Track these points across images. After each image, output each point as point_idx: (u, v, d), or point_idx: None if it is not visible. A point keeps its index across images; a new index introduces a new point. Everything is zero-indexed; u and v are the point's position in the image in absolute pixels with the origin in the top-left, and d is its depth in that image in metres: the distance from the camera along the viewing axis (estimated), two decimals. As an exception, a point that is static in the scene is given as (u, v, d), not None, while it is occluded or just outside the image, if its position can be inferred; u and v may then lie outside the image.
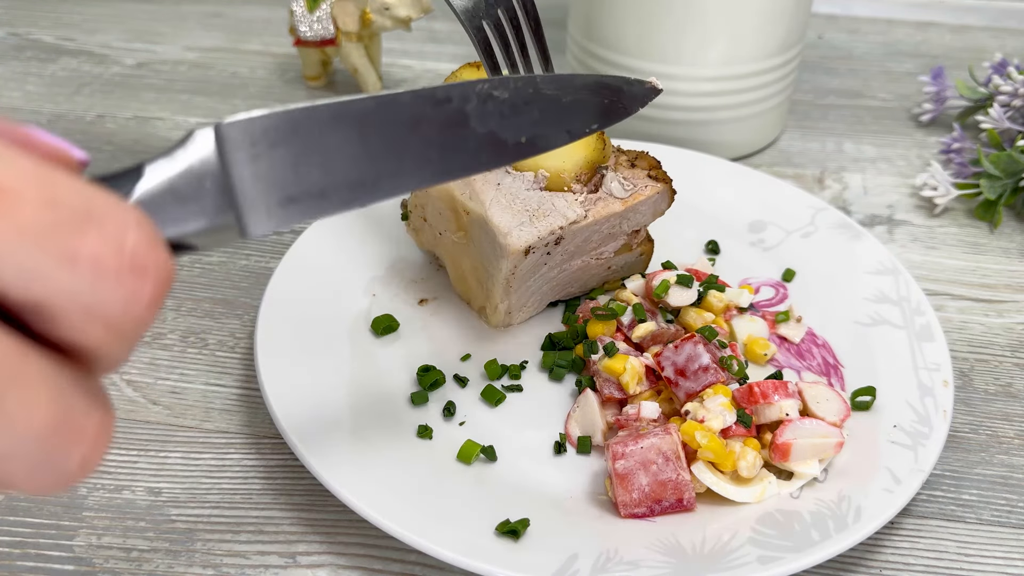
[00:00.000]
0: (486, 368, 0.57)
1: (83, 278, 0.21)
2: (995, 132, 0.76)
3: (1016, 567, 0.49)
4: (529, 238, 0.53)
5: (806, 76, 0.94)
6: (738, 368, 0.54)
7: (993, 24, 1.06)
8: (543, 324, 0.61)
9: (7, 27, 0.98)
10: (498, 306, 0.57)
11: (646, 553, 0.46)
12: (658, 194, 0.57)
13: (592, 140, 0.55)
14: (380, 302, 0.61)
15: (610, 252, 0.59)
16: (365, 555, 0.49)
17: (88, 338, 0.23)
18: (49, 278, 0.21)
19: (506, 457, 0.52)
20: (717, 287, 0.59)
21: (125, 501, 0.51)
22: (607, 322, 0.56)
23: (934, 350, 0.56)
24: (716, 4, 0.71)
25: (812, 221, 0.68)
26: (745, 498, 0.49)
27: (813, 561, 0.45)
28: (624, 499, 0.48)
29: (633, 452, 0.48)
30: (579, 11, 0.78)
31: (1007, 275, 0.69)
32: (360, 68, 0.85)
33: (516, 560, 0.45)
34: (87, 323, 0.22)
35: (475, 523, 0.47)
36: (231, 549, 0.49)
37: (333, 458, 0.48)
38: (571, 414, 0.54)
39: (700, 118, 0.77)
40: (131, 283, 0.22)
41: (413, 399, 0.55)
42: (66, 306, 0.22)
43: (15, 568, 0.48)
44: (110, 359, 0.24)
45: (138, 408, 0.56)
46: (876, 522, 0.46)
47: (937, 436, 0.51)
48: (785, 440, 0.50)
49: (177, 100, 0.87)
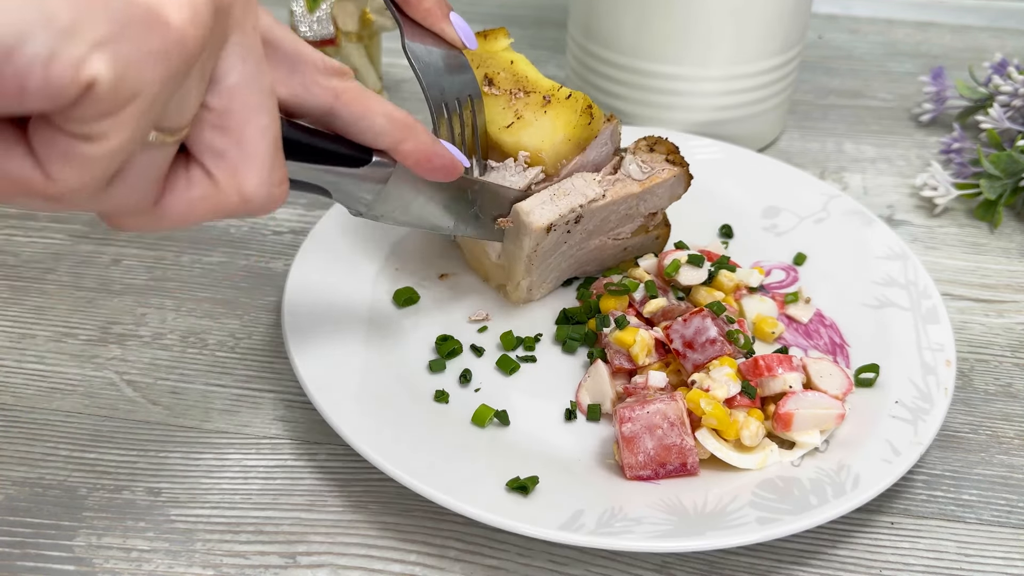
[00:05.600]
0: (502, 339, 0.58)
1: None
2: (995, 132, 0.76)
3: (1016, 567, 0.49)
4: (551, 216, 0.55)
5: (806, 76, 0.94)
6: (744, 342, 0.55)
7: (993, 24, 1.06)
8: (558, 300, 0.63)
9: (7, 27, 0.98)
10: (520, 283, 0.59)
11: (649, 511, 0.47)
12: (675, 177, 0.58)
13: (573, 117, 0.56)
14: (402, 276, 0.63)
15: (627, 233, 0.61)
16: (365, 555, 0.49)
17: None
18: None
19: (518, 422, 0.54)
20: (728, 267, 0.61)
21: (125, 501, 0.51)
22: (619, 297, 0.58)
23: (939, 331, 0.58)
24: (716, 5, 0.71)
25: (825, 208, 0.69)
26: (747, 464, 0.50)
27: (810, 523, 0.46)
28: (630, 461, 0.49)
29: (639, 416, 0.49)
30: (579, 11, 0.78)
31: (1007, 275, 0.69)
32: (360, 68, 0.85)
33: (525, 513, 0.46)
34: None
35: (487, 480, 0.49)
36: (231, 549, 0.49)
37: (355, 419, 0.50)
38: (582, 383, 0.56)
39: (700, 118, 0.77)
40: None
41: (431, 366, 0.56)
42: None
43: (15, 568, 0.48)
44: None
45: (138, 408, 0.56)
46: (874, 489, 0.48)
47: (938, 411, 0.52)
48: (788, 410, 0.51)
49: (177, 100, 0.87)
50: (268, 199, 0.34)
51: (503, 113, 0.57)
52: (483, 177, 0.56)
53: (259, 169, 0.33)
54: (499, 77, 0.58)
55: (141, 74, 0.26)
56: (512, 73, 0.58)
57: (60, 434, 0.55)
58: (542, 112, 0.56)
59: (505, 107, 0.57)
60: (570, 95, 0.56)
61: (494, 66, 0.58)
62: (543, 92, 0.57)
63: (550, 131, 0.56)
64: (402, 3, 0.55)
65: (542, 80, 0.58)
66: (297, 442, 0.55)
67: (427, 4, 0.55)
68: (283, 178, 0.34)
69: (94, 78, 0.25)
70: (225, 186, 0.33)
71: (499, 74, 0.58)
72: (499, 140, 0.57)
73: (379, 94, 0.87)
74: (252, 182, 0.33)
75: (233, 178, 0.33)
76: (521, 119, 0.56)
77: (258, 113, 0.32)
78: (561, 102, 0.56)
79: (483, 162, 0.57)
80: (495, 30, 0.61)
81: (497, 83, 0.58)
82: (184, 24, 0.26)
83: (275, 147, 0.33)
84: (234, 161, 0.32)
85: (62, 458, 0.53)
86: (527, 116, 0.56)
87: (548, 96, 0.57)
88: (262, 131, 0.32)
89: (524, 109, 0.57)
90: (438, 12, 0.55)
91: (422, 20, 0.55)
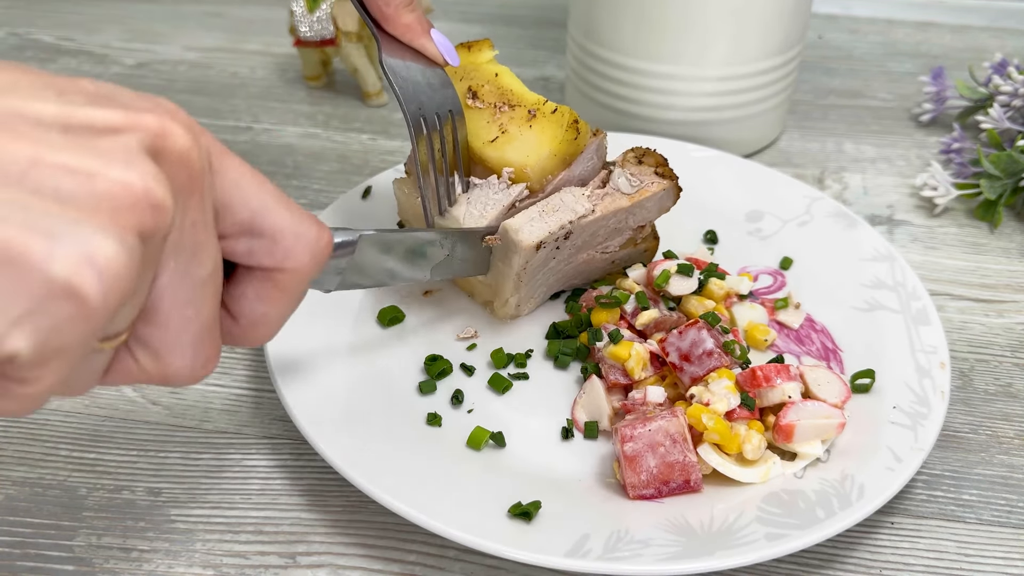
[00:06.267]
0: (492, 357, 0.57)
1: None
2: (995, 132, 0.76)
3: (1016, 567, 0.49)
4: (540, 233, 0.53)
5: (806, 76, 0.94)
6: (740, 352, 0.55)
7: (993, 24, 1.06)
8: (547, 313, 0.62)
9: (7, 27, 0.99)
10: (508, 300, 0.58)
11: (656, 532, 0.47)
12: (664, 191, 0.58)
13: (560, 132, 0.55)
14: (386, 294, 0.62)
15: (615, 246, 0.60)
16: (365, 555, 0.49)
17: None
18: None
19: (515, 443, 0.53)
20: (717, 275, 0.60)
21: (125, 501, 0.51)
22: (611, 310, 0.57)
23: (930, 333, 0.58)
24: (716, 4, 0.71)
25: (808, 210, 0.69)
26: (751, 478, 0.50)
27: (819, 538, 0.46)
28: (633, 481, 0.49)
29: (641, 435, 0.49)
30: (579, 11, 0.78)
31: (1007, 275, 0.69)
32: (360, 68, 0.85)
33: (529, 541, 0.45)
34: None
35: (487, 507, 0.48)
36: (231, 549, 0.49)
37: (346, 447, 0.49)
38: (577, 400, 0.55)
39: (700, 118, 0.77)
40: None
41: (421, 388, 0.55)
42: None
43: (15, 568, 0.48)
44: None
45: (138, 408, 0.56)
46: (879, 499, 0.47)
47: (936, 416, 0.52)
48: (788, 421, 0.51)
49: (177, 100, 0.87)
50: (191, 379, 0.34)
51: (487, 127, 0.56)
52: (466, 193, 0.55)
53: (182, 356, 0.33)
54: (483, 90, 0.57)
55: (62, 339, 0.27)
56: (497, 86, 0.57)
57: (60, 434, 0.55)
58: (527, 126, 0.55)
59: (489, 121, 0.56)
60: (556, 109, 0.55)
61: (478, 79, 0.57)
62: (528, 106, 0.56)
63: (535, 146, 0.55)
64: (380, 20, 0.54)
65: (527, 94, 0.57)
66: (297, 442, 0.55)
67: (406, 20, 0.54)
68: (210, 357, 0.34)
69: (15, 351, 0.26)
70: (148, 367, 0.33)
71: (483, 87, 0.57)
72: (483, 155, 0.55)
73: (379, 94, 0.87)
74: (175, 366, 0.33)
75: (156, 362, 0.33)
76: (506, 133, 0.55)
77: (185, 306, 0.32)
78: (547, 116, 0.55)
79: (465, 179, 0.56)
80: (479, 41, 0.60)
81: (481, 96, 0.56)
82: (101, 295, 0.26)
83: (201, 334, 0.33)
84: (158, 348, 0.32)
85: (62, 458, 0.53)
86: (512, 130, 0.55)
87: (533, 110, 0.55)
88: (187, 322, 0.32)
89: (509, 123, 0.55)
90: (418, 28, 0.54)
91: (401, 36, 0.54)
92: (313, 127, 0.84)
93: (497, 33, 1.01)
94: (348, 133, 0.83)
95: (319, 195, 0.75)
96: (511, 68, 0.60)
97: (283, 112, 0.86)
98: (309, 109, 0.86)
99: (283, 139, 0.82)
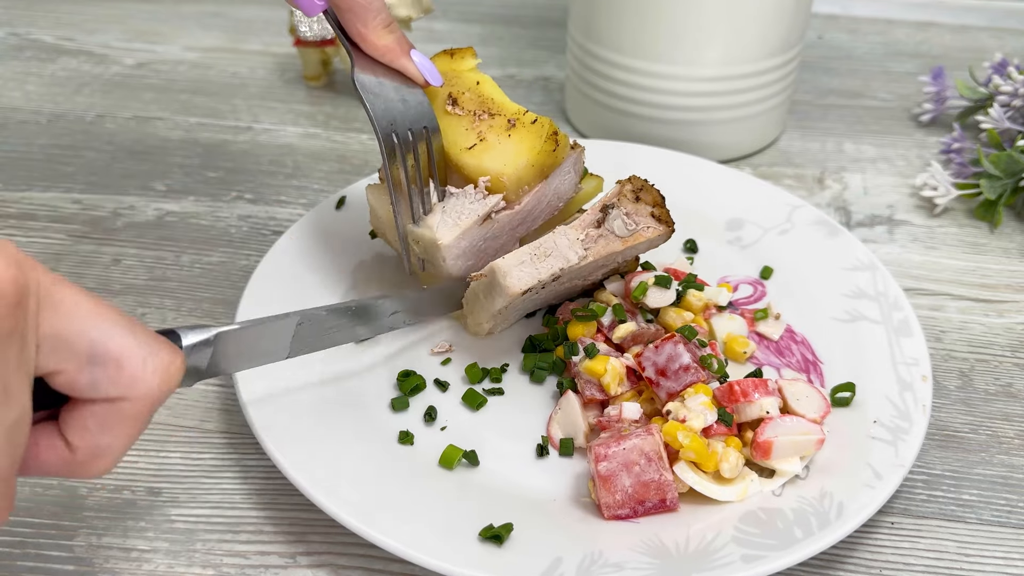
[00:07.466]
0: (467, 372, 0.56)
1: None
2: (995, 132, 0.76)
3: (1016, 567, 0.49)
4: (529, 281, 0.53)
5: (806, 76, 0.94)
6: (718, 367, 0.54)
7: (993, 24, 1.06)
8: (523, 327, 0.61)
9: (7, 27, 0.99)
10: (483, 324, 0.58)
11: (631, 554, 0.46)
12: (659, 235, 0.57)
13: (538, 142, 0.54)
14: None
15: (598, 276, 0.59)
16: (365, 555, 0.49)
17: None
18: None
19: (488, 461, 0.52)
20: (696, 286, 0.59)
21: (125, 501, 0.51)
22: (587, 323, 0.56)
23: (912, 345, 0.57)
24: (716, 4, 0.71)
25: (789, 218, 0.68)
26: (728, 497, 0.49)
27: (797, 559, 0.45)
28: (607, 501, 0.48)
29: (616, 453, 0.48)
30: (579, 11, 0.78)
31: (1007, 275, 0.69)
32: (360, 68, 0.84)
33: (501, 565, 0.44)
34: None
35: (459, 529, 0.47)
36: (231, 549, 0.49)
37: (313, 466, 0.48)
38: (553, 416, 0.54)
39: (700, 118, 0.77)
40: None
41: (394, 405, 0.54)
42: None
43: (15, 568, 0.48)
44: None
45: (138, 408, 0.56)
46: (858, 518, 0.47)
47: (917, 431, 0.51)
48: (766, 438, 0.50)
49: (177, 100, 0.87)
50: None
51: (466, 134, 0.55)
52: (442, 202, 0.55)
53: None
54: (464, 97, 0.56)
55: None
56: (478, 94, 0.57)
57: (60, 434, 0.55)
58: (506, 135, 0.55)
59: (468, 128, 0.55)
60: (536, 120, 0.55)
61: (459, 86, 0.57)
62: (508, 115, 0.55)
63: (513, 155, 0.54)
64: (359, 40, 0.53)
65: (508, 103, 0.56)
66: (297, 442, 0.55)
67: (384, 41, 0.53)
68: (6, 504, 0.32)
69: None
70: None
71: (464, 94, 0.56)
72: (459, 161, 0.55)
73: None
74: None
75: None
76: (484, 141, 0.55)
77: None
78: (526, 127, 0.55)
79: (441, 188, 0.55)
80: (462, 49, 0.60)
81: (461, 103, 0.56)
82: None
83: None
84: None
85: (62, 458, 0.53)
86: (490, 139, 0.55)
87: (513, 120, 0.55)
88: None
89: (488, 131, 0.55)
90: (397, 49, 0.53)
91: (381, 58, 0.54)
92: (313, 127, 0.84)
93: (497, 33, 1.00)
94: (348, 133, 0.83)
95: (319, 195, 0.75)
96: (511, 68, 0.60)
97: (283, 112, 0.86)
98: (309, 109, 0.86)
99: (283, 139, 0.82)
